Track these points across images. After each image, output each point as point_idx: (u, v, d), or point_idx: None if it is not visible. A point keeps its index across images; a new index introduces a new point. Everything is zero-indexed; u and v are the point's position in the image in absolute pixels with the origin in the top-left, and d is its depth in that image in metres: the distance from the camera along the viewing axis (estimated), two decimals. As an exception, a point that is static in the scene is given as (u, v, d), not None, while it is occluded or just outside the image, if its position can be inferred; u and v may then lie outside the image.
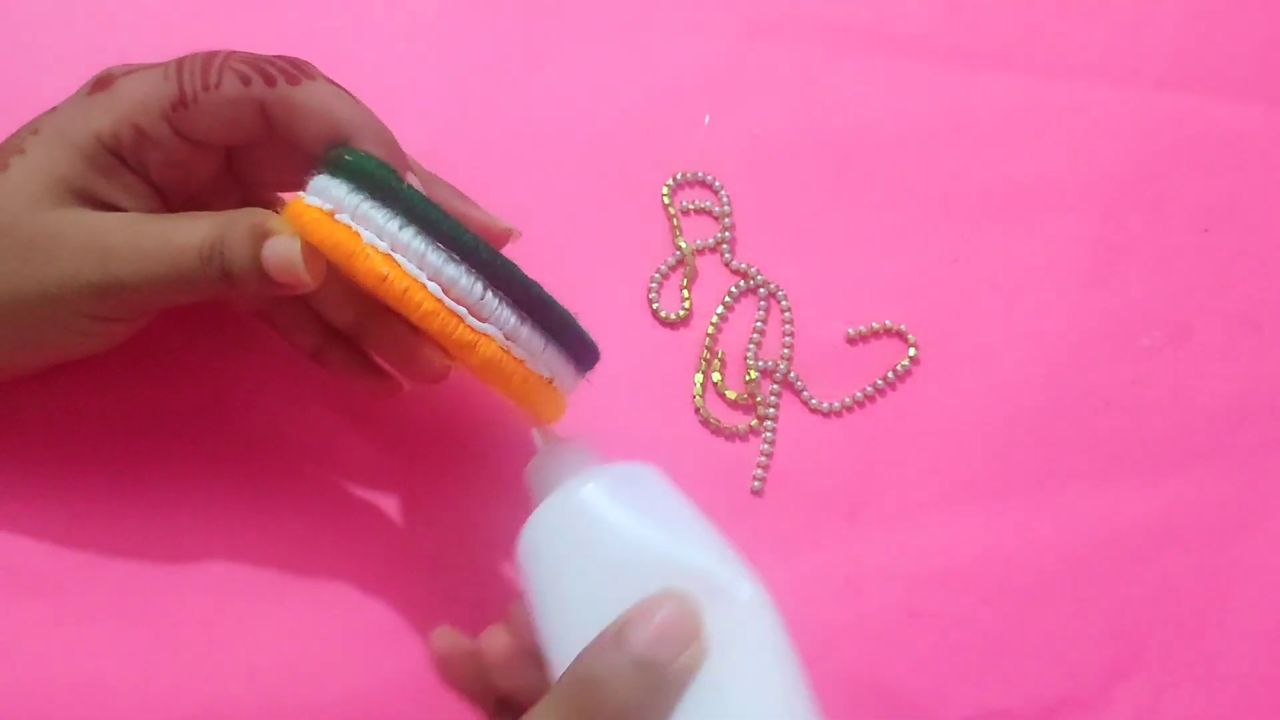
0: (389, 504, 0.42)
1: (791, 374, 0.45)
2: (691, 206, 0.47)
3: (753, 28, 0.50)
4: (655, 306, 0.46)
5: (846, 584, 0.43)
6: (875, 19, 0.50)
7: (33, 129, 0.35)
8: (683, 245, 0.46)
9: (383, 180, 0.32)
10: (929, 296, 0.47)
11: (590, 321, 0.45)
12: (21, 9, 0.46)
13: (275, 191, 0.40)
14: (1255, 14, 0.52)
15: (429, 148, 0.40)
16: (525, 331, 0.33)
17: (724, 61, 0.49)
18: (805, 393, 0.45)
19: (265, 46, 0.47)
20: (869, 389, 0.45)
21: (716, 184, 0.47)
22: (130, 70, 0.35)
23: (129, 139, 0.34)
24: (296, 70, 0.35)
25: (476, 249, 0.32)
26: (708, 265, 0.47)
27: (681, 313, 0.46)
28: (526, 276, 0.33)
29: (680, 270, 0.46)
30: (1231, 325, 0.48)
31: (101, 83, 0.35)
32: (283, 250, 0.33)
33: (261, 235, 0.33)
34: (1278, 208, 0.50)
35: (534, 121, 0.47)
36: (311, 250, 0.33)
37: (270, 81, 0.34)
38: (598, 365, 0.36)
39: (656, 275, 0.46)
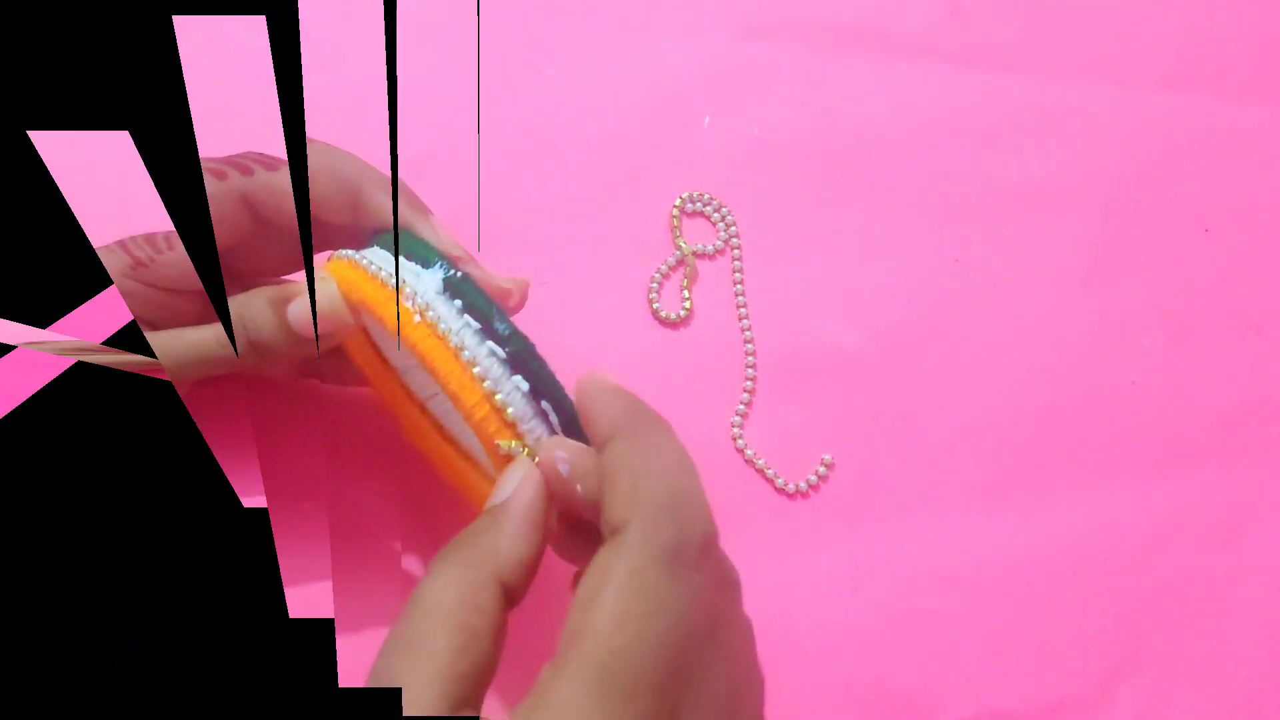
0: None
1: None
2: (691, 206, 0.47)
3: (753, 28, 0.50)
4: (655, 306, 0.46)
5: (846, 584, 0.43)
6: (875, 19, 0.51)
7: None
8: (683, 245, 0.46)
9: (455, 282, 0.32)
10: (929, 296, 0.47)
11: (590, 321, 0.45)
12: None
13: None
14: (1255, 14, 0.52)
15: (430, 150, 0.41)
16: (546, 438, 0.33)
17: (724, 62, 0.49)
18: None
19: (267, 50, 0.47)
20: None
21: (716, 186, 0.47)
22: None
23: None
24: (271, 159, 0.35)
25: (534, 364, 0.32)
26: (707, 265, 0.47)
27: (682, 313, 0.46)
28: (565, 393, 0.33)
29: (680, 270, 0.47)
30: (1231, 325, 0.48)
31: None
32: (323, 297, 0.33)
33: (282, 301, 0.33)
34: (1278, 208, 0.50)
35: (535, 123, 0.47)
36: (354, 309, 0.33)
37: (246, 172, 0.34)
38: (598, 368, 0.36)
39: (656, 275, 0.46)
